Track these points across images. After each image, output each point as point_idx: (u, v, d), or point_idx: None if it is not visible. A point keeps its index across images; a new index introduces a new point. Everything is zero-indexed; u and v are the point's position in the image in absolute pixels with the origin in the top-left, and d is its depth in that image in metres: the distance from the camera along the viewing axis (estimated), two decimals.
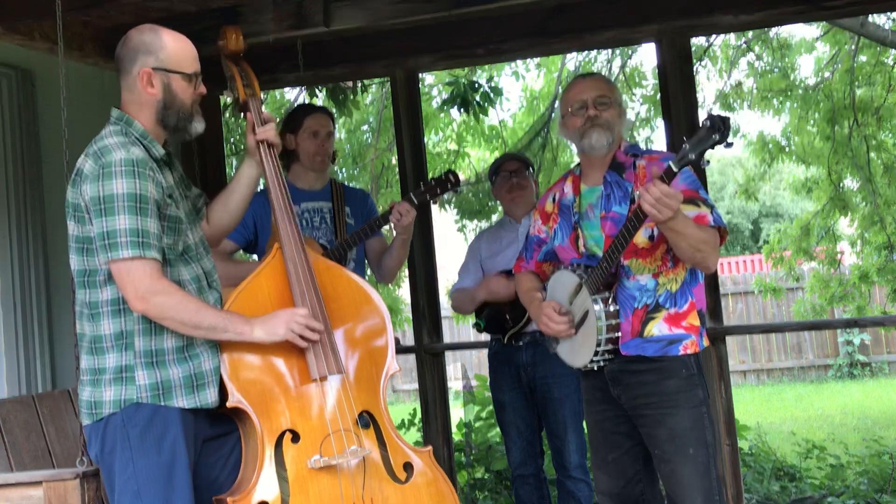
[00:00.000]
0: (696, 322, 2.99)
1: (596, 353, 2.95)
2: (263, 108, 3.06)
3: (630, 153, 3.08)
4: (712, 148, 2.57)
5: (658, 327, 2.96)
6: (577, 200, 3.13)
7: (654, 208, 2.67)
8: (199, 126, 2.78)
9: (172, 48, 2.71)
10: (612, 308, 2.94)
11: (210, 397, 2.68)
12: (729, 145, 2.58)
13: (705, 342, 3.02)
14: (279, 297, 2.81)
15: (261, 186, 3.66)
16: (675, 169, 2.64)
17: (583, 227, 3.09)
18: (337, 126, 7.86)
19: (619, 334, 2.95)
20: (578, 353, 3.05)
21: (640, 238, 2.92)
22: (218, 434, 2.78)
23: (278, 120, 4.19)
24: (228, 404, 2.70)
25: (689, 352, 2.96)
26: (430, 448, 2.98)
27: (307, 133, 3.91)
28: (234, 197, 2.97)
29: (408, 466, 2.88)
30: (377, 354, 2.95)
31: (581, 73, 3.14)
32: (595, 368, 3.02)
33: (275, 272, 2.85)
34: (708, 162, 2.67)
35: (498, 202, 5.22)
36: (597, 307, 2.93)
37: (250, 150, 2.95)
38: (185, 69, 2.71)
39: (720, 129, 2.55)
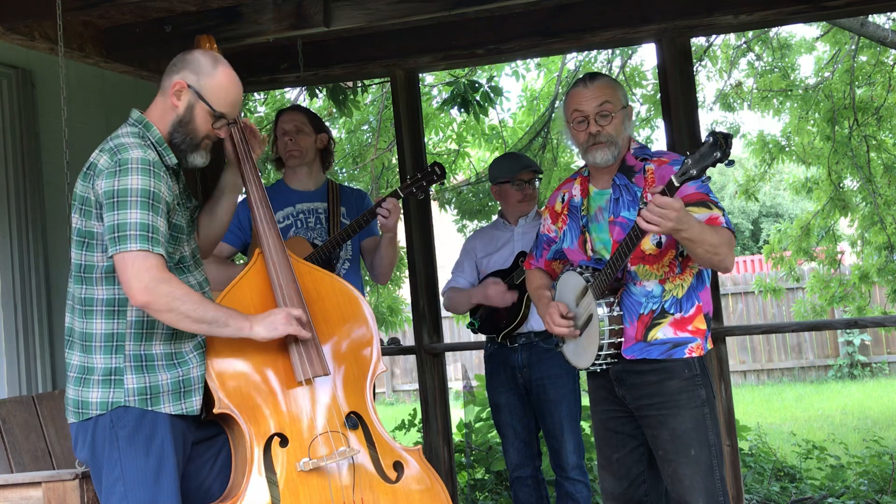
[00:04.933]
0: (703, 326, 3.00)
1: (598, 357, 2.98)
2: (263, 108, 3.06)
3: (640, 156, 3.06)
4: (713, 165, 2.55)
5: (663, 331, 2.97)
6: (586, 203, 3.12)
7: (651, 221, 2.65)
8: (198, 159, 2.77)
9: (218, 83, 2.71)
10: (615, 313, 2.95)
11: (195, 405, 2.68)
12: (730, 163, 2.55)
13: (709, 345, 3.04)
14: (262, 302, 2.81)
15: None
16: (676, 184, 2.62)
17: (591, 230, 3.08)
18: (337, 126, 7.90)
19: (623, 339, 2.97)
20: (582, 354, 3.07)
21: (648, 244, 2.93)
22: (206, 437, 2.78)
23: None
24: (215, 410, 2.70)
25: (693, 355, 2.97)
26: (419, 447, 2.98)
27: (279, 133, 3.98)
28: (218, 206, 2.97)
29: (398, 466, 2.88)
30: (362, 355, 2.95)
31: (581, 77, 3.10)
32: (598, 370, 3.04)
33: (256, 277, 2.86)
34: (732, 162, 2.62)
35: (497, 202, 5.20)
36: (601, 311, 2.95)
37: (230, 158, 2.96)
38: (216, 106, 2.71)
39: (722, 146, 2.52)
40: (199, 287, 2.78)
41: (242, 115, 3.03)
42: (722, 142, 2.52)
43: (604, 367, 3.01)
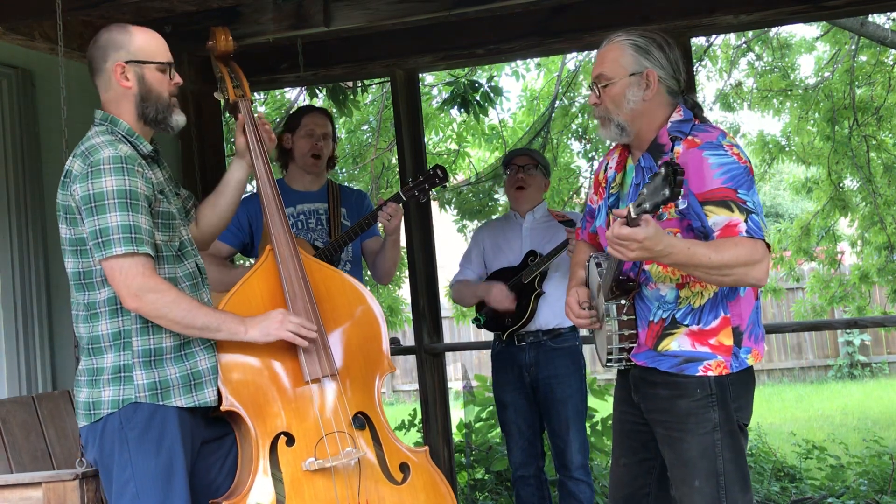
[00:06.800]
0: (728, 341, 2.57)
1: (609, 361, 2.72)
2: (263, 108, 3.06)
3: (674, 132, 2.56)
4: (664, 204, 2.15)
5: (678, 342, 2.60)
6: (618, 179, 2.73)
7: (614, 249, 2.34)
8: (179, 119, 2.76)
9: (142, 41, 2.71)
10: (625, 318, 2.64)
11: (209, 396, 2.68)
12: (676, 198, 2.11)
13: (751, 360, 2.60)
14: (271, 299, 2.80)
15: (252, 188, 3.64)
16: (633, 215, 2.23)
17: None
18: (337, 127, 7.90)
19: (634, 345, 2.67)
20: (601, 350, 2.83)
21: None
22: (215, 436, 2.78)
23: (278, 121, 4.21)
24: (222, 408, 2.70)
25: (710, 373, 2.56)
26: (426, 448, 2.97)
27: (304, 131, 3.92)
28: (222, 199, 2.96)
29: (404, 467, 2.88)
30: (371, 355, 2.94)
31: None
32: (619, 368, 2.76)
33: (267, 274, 2.84)
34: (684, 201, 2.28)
35: (499, 200, 5.23)
36: (611, 314, 2.65)
37: (240, 152, 2.95)
38: (158, 59, 2.71)
39: (671, 183, 2.09)
40: (200, 273, 2.78)
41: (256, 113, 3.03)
42: (671, 177, 2.09)
43: (621, 367, 2.74)
